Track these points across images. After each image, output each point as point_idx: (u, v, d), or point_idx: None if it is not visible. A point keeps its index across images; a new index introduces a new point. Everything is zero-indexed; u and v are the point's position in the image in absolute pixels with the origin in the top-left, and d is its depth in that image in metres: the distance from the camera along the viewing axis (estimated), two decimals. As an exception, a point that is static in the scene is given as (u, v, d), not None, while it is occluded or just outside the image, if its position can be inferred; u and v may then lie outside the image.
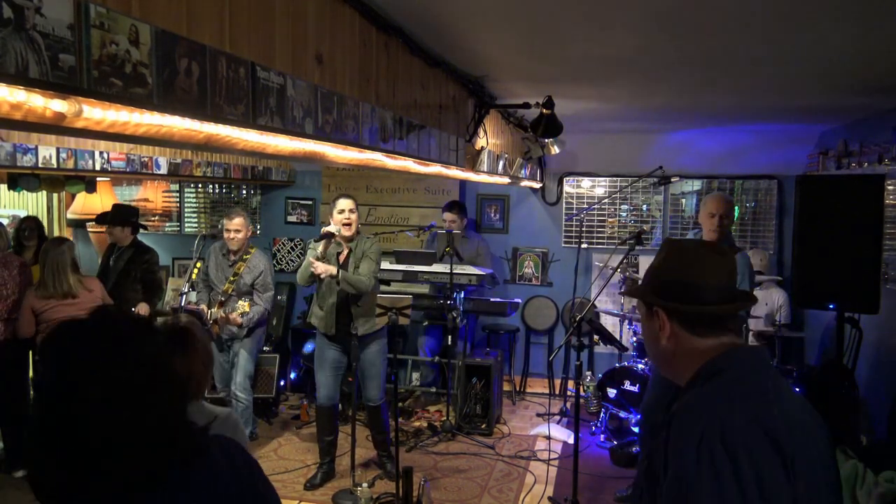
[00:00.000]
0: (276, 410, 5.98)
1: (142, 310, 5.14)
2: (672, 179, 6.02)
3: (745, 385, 1.36)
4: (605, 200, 6.70)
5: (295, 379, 6.61)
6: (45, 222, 6.54)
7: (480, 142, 4.36)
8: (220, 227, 5.24)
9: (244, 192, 7.40)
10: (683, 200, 6.70)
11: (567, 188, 6.88)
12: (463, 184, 6.77)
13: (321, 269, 4.39)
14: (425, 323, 6.35)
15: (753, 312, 5.18)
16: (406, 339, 6.67)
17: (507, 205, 7.02)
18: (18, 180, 4.91)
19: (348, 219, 4.41)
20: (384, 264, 5.31)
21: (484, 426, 5.58)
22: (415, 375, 6.61)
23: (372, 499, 4.14)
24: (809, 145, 6.16)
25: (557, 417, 5.99)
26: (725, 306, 1.46)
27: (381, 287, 5.18)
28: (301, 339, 6.58)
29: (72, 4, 1.24)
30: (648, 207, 6.71)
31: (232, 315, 4.75)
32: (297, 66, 2.09)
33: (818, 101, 4.60)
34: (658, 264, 1.55)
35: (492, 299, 6.04)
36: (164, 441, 1.15)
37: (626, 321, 5.82)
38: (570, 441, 4.92)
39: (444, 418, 5.67)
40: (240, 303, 4.78)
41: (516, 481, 4.75)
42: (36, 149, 4.08)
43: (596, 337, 5.38)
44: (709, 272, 1.47)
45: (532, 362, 6.93)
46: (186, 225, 7.55)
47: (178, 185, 7.48)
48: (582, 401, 5.59)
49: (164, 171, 5.17)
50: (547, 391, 6.71)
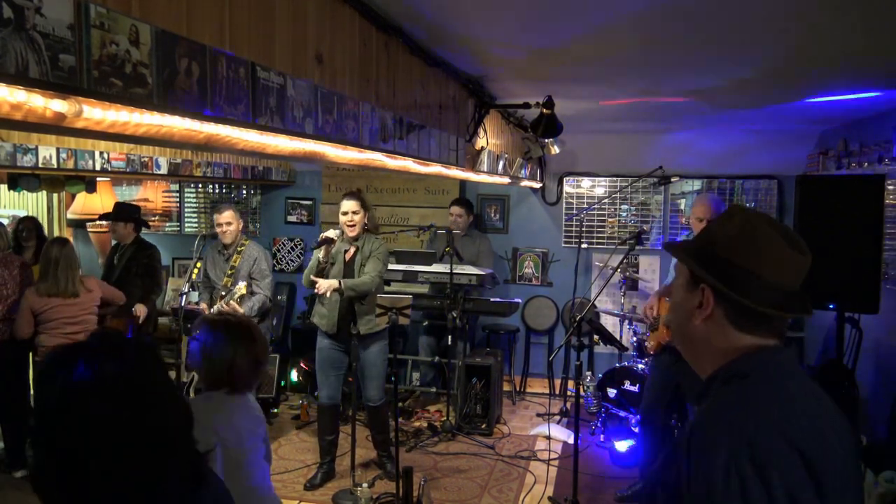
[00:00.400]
0: (276, 410, 5.98)
1: (139, 311, 5.14)
2: (672, 179, 6.02)
3: (772, 393, 1.24)
4: (605, 200, 6.70)
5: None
6: (45, 222, 6.54)
7: (480, 142, 4.36)
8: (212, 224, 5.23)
9: (244, 192, 7.40)
10: (683, 200, 6.70)
11: (567, 188, 6.88)
12: (463, 184, 6.78)
13: (324, 288, 4.37)
14: (425, 323, 6.36)
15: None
16: (406, 339, 6.67)
17: (507, 205, 7.02)
18: (18, 180, 4.91)
19: (352, 220, 4.42)
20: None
21: (484, 426, 5.57)
22: (415, 375, 6.61)
23: (372, 499, 4.14)
24: (809, 145, 6.16)
25: (557, 417, 5.99)
26: (781, 312, 1.25)
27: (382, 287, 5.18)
28: (302, 339, 6.58)
29: (72, 4, 1.24)
30: (648, 207, 6.71)
31: (231, 303, 4.72)
32: (297, 66, 2.09)
33: (818, 101, 4.60)
34: (722, 235, 1.28)
35: (492, 299, 6.04)
36: (166, 464, 1.14)
37: (626, 321, 5.82)
38: (570, 441, 4.93)
39: (444, 418, 5.66)
40: (237, 286, 4.72)
41: (516, 481, 4.75)
42: (36, 149, 4.08)
43: (596, 337, 5.38)
44: (780, 268, 1.24)
45: (532, 362, 6.93)
46: (186, 225, 7.55)
47: (178, 185, 7.48)
48: (582, 401, 5.59)
49: (164, 171, 5.18)
50: (547, 391, 6.71)
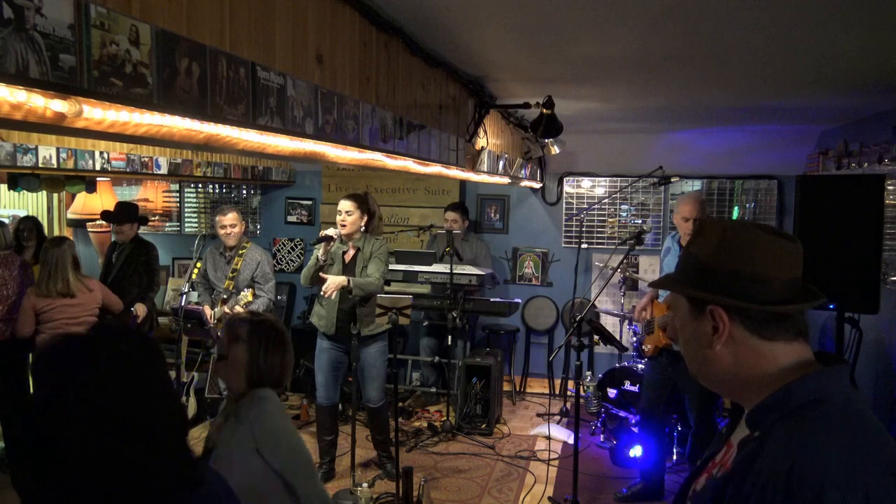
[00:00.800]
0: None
1: (139, 311, 5.14)
2: (672, 179, 6.02)
3: (861, 422, 1.11)
4: (605, 200, 6.70)
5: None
6: (45, 222, 6.54)
7: (480, 142, 4.36)
8: (213, 226, 5.23)
9: (244, 192, 7.40)
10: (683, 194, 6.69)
11: (567, 188, 6.88)
12: (463, 184, 6.78)
13: (333, 287, 4.36)
14: (425, 323, 6.36)
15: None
16: (406, 340, 6.67)
17: (507, 205, 7.02)
18: (18, 180, 4.91)
19: (343, 220, 4.43)
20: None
21: (484, 426, 5.57)
22: (415, 375, 6.61)
23: (372, 499, 4.14)
24: (809, 145, 6.16)
25: (557, 417, 5.99)
26: (798, 305, 1.18)
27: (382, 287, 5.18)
28: (302, 339, 6.57)
29: (72, 4, 1.24)
30: (648, 207, 6.71)
31: (236, 309, 4.74)
32: (297, 66, 2.09)
33: (818, 101, 4.60)
34: (704, 251, 1.22)
35: (492, 299, 6.04)
36: (160, 464, 1.10)
37: (626, 321, 5.82)
38: (570, 441, 4.93)
39: (444, 418, 5.66)
40: (242, 293, 4.76)
41: (516, 481, 4.75)
42: (36, 149, 4.08)
43: (596, 337, 5.38)
44: (779, 262, 1.18)
45: (532, 362, 6.93)
46: (186, 225, 7.55)
47: (178, 185, 7.48)
48: (582, 401, 5.59)
49: (164, 171, 5.18)
50: (547, 391, 6.71)
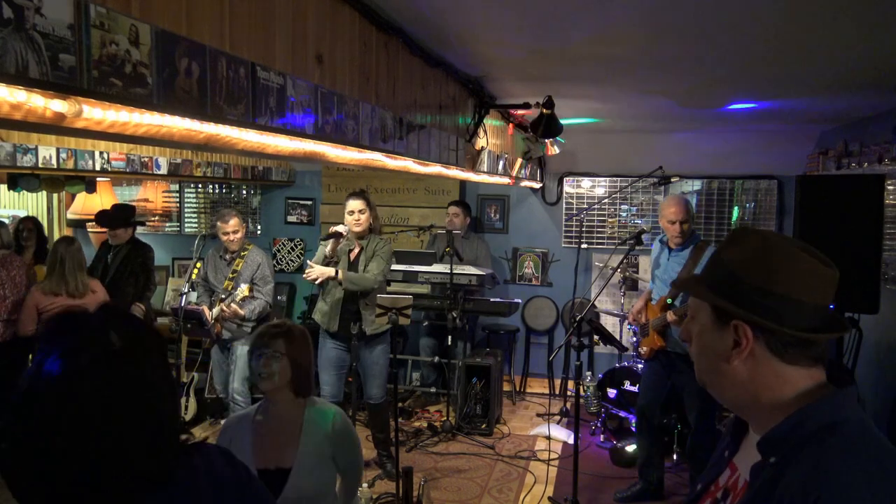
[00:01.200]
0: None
1: (137, 311, 5.14)
2: (672, 179, 6.02)
3: (877, 445, 1.08)
4: (605, 200, 6.70)
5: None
6: (45, 222, 6.54)
7: (480, 142, 4.36)
8: (214, 226, 5.22)
9: (244, 192, 7.40)
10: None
11: (567, 188, 6.88)
12: (463, 184, 6.78)
13: (315, 273, 4.37)
14: (425, 323, 6.35)
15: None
16: (406, 340, 6.67)
17: (507, 205, 7.02)
18: (18, 180, 4.91)
19: (358, 219, 4.46)
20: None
21: (484, 426, 5.57)
22: (415, 375, 6.61)
23: (372, 499, 4.14)
24: (809, 145, 6.16)
25: (557, 417, 5.99)
26: (825, 335, 1.13)
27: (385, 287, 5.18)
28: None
29: (72, 4, 1.24)
30: (643, 208, 6.71)
31: (233, 306, 4.73)
32: (297, 66, 2.09)
33: (818, 101, 4.60)
34: (739, 262, 1.15)
35: (492, 299, 6.03)
36: (146, 450, 1.09)
37: (626, 321, 5.82)
38: (570, 441, 4.92)
39: (444, 418, 5.66)
40: (240, 288, 4.73)
41: (516, 481, 4.75)
42: (36, 149, 4.08)
43: (596, 337, 5.38)
44: (815, 287, 1.13)
45: (532, 362, 6.92)
46: (186, 225, 7.54)
47: (178, 185, 7.48)
48: (582, 401, 5.59)
49: (164, 171, 5.18)
50: (547, 391, 6.71)
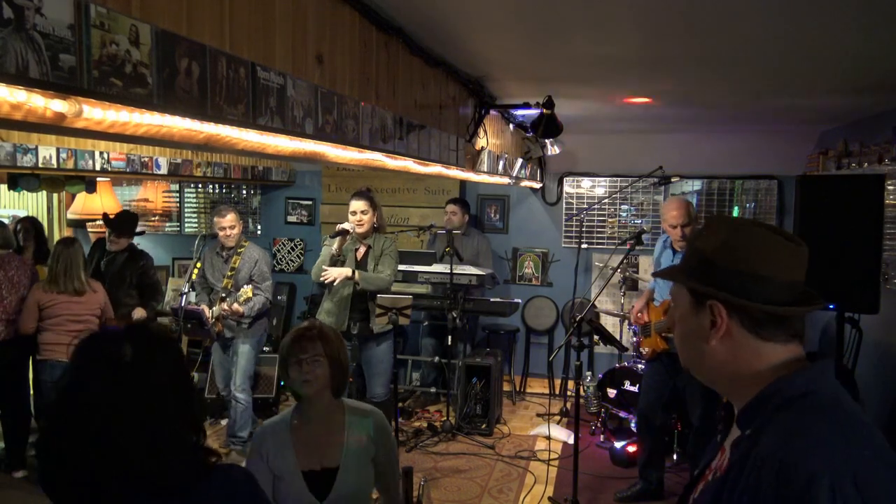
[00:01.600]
0: (276, 411, 5.98)
1: (137, 314, 5.13)
2: (672, 179, 6.01)
3: (848, 411, 1.12)
4: (605, 200, 6.70)
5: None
6: (44, 222, 6.53)
7: (480, 142, 4.36)
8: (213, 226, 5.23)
9: (244, 192, 7.40)
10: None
11: (567, 188, 6.88)
12: (463, 184, 6.77)
13: (334, 274, 4.36)
14: (426, 323, 6.35)
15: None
16: (406, 339, 6.66)
17: (507, 205, 7.02)
18: (18, 180, 4.91)
19: (360, 220, 4.46)
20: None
21: (484, 426, 5.57)
22: (415, 375, 6.61)
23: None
24: (809, 145, 6.16)
25: (557, 417, 5.98)
26: (798, 308, 1.19)
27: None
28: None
29: (72, 4, 1.24)
30: (643, 208, 6.71)
31: (234, 306, 4.76)
32: (297, 66, 2.09)
33: (818, 101, 4.60)
34: (710, 247, 1.22)
35: (492, 299, 6.03)
36: (170, 460, 1.17)
37: (626, 321, 5.82)
38: (570, 441, 4.92)
39: (444, 418, 5.66)
40: (242, 289, 4.78)
41: (516, 481, 4.75)
42: (36, 149, 4.08)
43: (596, 337, 5.38)
44: (783, 264, 1.19)
45: (532, 362, 6.92)
46: (186, 225, 7.54)
47: (178, 185, 7.48)
48: (582, 401, 5.59)
49: (164, 171, 5.17)
50: (547, 391, 6.70)
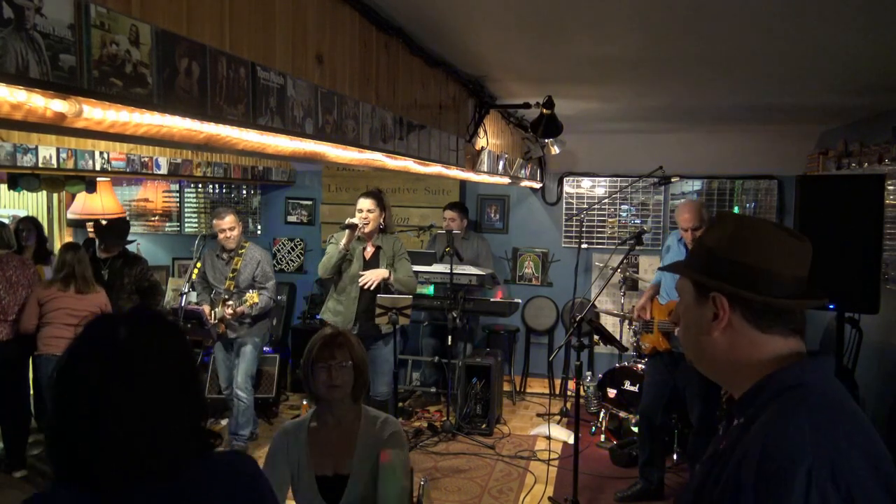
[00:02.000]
0: (276, 410, 5.98)
1: None
2: (672, 179, 6.02)
3: (836, 404, 1.15)
4: (605, 200, 6.70)
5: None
6: (45, 222, 6.53)
7: (480, 142, 4.36)
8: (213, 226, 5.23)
9: (244, 192, 7.40)
10: (683, 200, 6.69)
11: (567, 188, 6.88)
12: (463, 184, 6.77)
13: (372, 277, 4.39)
14: (426, 324, 6.35)
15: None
16: (406, 340, 6.67)
17: (507, 205, 7.02)
18: (18, 180, 4.91)
19: (366, 218, 4.47)
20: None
21: (484, 426, 5.57)
22: (415, 375, 6.61)
23: None
24: (809, 145, 6.16)
25: (557, 417, 5.99)
26: (800, 301, 1.22)
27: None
28: (302, 339, 6.56)
29: (72, 4, 1.24)
30: (647, 207, 6.71)
31: (239, 308, 4.78)
32: (297, 66, 2.09)
33: (819, 101, 4.60)
34: (716, 241, 1.26)
35: (492, 299, 6.03)
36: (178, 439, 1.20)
37: (626, 321, 5.82)
38: (570, 441, 4.92)
39: (444, 418, 5.66)
40: (248, 294, 4.81)
41: (516, 481, 4.75)
42: (36, 149, 4.08)
43: (596, 337, 5.38)
44: (786, 259, 1.21)
45: (532, 362, 6.92)
46: (186, 225, 7.55)
47: (178, 185, 7.48)
48: (582, 401, 5.59)
49: (164, 171, 5.18)
50: (547, 391, 6.70)
